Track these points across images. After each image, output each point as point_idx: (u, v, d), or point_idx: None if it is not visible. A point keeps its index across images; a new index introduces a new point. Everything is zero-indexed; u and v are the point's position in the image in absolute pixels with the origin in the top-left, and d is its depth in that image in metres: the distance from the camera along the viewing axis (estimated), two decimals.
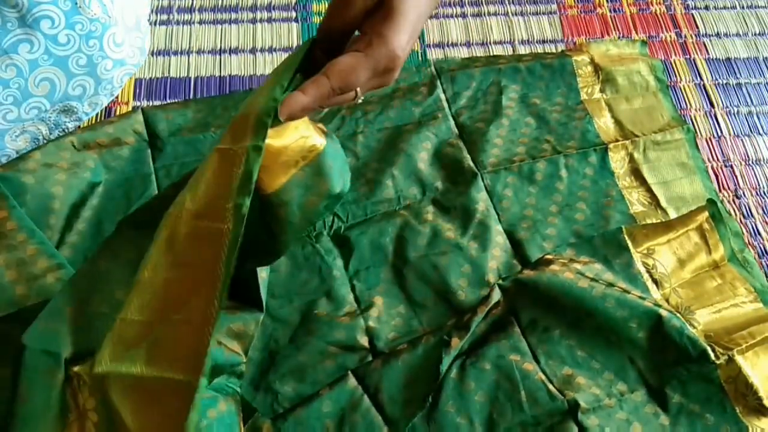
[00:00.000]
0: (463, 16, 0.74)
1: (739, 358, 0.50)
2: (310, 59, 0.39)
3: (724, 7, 0.76)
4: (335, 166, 0.43)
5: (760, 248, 0.61)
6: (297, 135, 0.40)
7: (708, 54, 0.73)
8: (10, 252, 0.51)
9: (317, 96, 0.36)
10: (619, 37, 0.73)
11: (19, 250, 0.52)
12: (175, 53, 0.69)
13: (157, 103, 0.65)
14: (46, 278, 0.50)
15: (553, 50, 0.72)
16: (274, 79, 0.38)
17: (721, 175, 0.65)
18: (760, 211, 0.63)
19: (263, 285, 0.48)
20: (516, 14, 0.74)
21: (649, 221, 0.60)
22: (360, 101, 0.40)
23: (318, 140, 0.42)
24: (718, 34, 0.74)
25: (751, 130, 0.68)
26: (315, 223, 0.53)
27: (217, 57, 0.69)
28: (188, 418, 0.34)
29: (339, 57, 0.37)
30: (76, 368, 0.40)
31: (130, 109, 0.65)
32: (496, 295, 0.54)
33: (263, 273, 0.48)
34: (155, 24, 0.70)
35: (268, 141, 0.37)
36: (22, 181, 0.55)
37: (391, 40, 0.36)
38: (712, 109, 0.69)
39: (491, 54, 0.71)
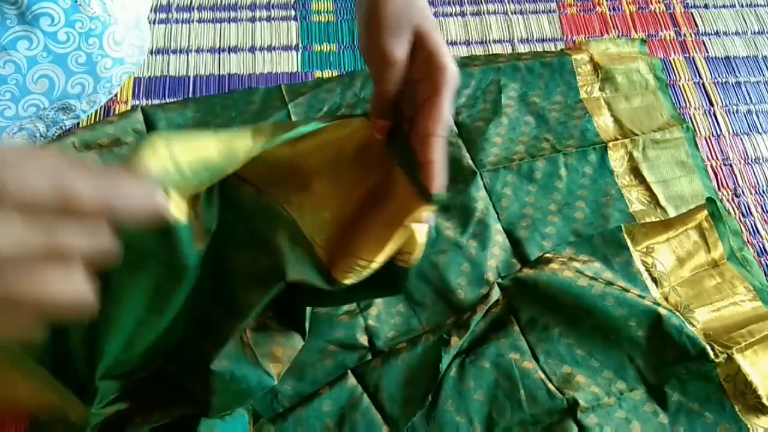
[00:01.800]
0: (462, 14, 0.74)
1: (738, 357, 0.50)
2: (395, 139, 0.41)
3: (724, 6, 0.76)
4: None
5: (760, 247, 0.61)
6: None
7: (707, 52, 0.73)
8: None
9: (443, 154, 0.38)
10: (618, 36, 0.73)
11: None
12: (174, 52, 0.69)
13: (156, 101, 0.65)
14: None
15: (553, 49, 0.72)
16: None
17: (721, 173, 0.65)
18: (759, 210, 0.63)
19: (308, 314, 0.48)
20: (515, 13, 0.74)
21: (648, 220, 0.60)
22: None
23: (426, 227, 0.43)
24: (717, 33, 0.74)
25: (750, 129, 0.68)
26: None
27: (216, 56, 0.69)
28: None
29: (426, 110, 0.38)
30: None
31: (129, 107, 0.65)
32: (496, 294, 0.54)
33: None
34: (154, 23, 0.70)
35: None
36: None
37: (449, 67, 0.39)
38: (712, 108, 0.69)
39: (490, 53, 0.71)
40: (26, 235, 0.21)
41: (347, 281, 0.40)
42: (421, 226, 0.40)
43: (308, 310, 0.48)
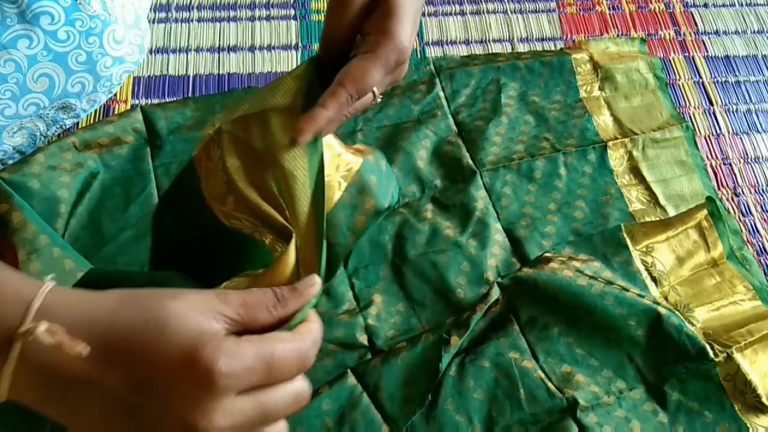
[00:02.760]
0: (462, 14, 0.74)
1: (737, 356, 0.50)
2: (319, 75, 0.39)
3: (723, 5, 0.76)
4: (379, 181, 0.43)
5: (759, 246, 0.61)
6: (328, 156, 0.40)
7: (707, 52, 0.73)
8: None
9: (337, 106, 0.37)
10: (618, 35, 0.73)
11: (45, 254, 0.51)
12: (174, 51, 0.69)
13: (155, 101, 0.65)
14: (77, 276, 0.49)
15: (552, 48, 0.72)
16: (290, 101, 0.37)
17: (720, 172, 0.65)
18: (759, 209, 0.63)
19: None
20: (515, 12, 0.74)
21: (648, 219, 0.60)
22: (379, 100, 0.40)
23: (351, 158, 0.42)
24: (717, 32, 0.74)
25: (750, 128, 0.68)
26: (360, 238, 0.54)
27: (216, 55, 0.69)
28: None
29: (349, 63, 0.37)
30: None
31: (128, 107, 0.65)
32: (495, 293, 0.54)
33: None
34: (154, 22, 0.70)
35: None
36: (28, 186, 0.55)
37: (397, 34, 0.37)
38: (711, 107, 0.69)
39: (490, 52, 0.71)
40: (248, 412, 0.30)
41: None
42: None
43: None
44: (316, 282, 0.34)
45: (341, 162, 0.41)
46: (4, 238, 0.49)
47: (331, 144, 0.41)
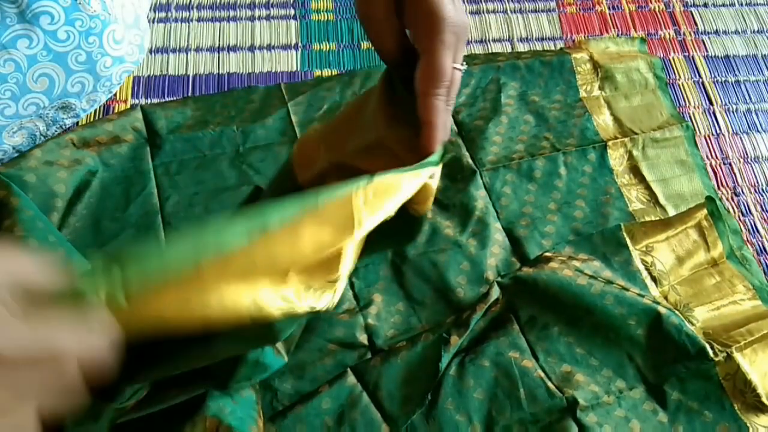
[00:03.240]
0: None
1: (737, 356, 0.50)
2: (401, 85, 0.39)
3: (723, 5, 0.76)
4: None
5: (759, 245, 0.61)
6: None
7: (707, 51, 0.73)
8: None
9: (441, 112, 0.36)
10: (618, 35, 0.73)
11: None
12: (174, 51, 0.69)
13: (155, 100, 0.65)
14: None
15: (552, 48, 0.72)
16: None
17: (720, 172, 0.65)
18: (759, 209, 0.63)
19: None
20: (515, 12, 0.74)
21: (647, 218, 0.60)
22: (465, 67, 0.38)
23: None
24: (716, 32, 0.74)
25: (749, 128, 0.68)
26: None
27: (216, 54, 0.69)
28: None
29: (419, 68, 0.35)
30: None
31: (128, 107, 0.65)
32: (495, 293, 0.54)
33: None
34: (153, 21, 0.70)
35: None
36: (24, 180, 0.55)
37: (441, 11, 0.34)
38: (711, 107, 0.69)
39: (490, 51, 0.71)
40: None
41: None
42: (432, 176, 0.39)
43: None
44: None
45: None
46: None
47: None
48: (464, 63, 0.38)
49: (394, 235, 0.42)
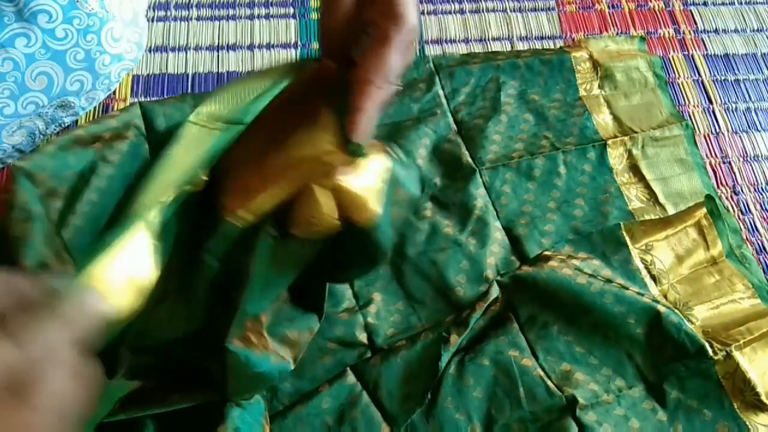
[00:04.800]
0: (461, 12, 0.74)
1: (737, 354, 0.50)
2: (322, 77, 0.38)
3: (723, 4, 0.76)
4: (404, 170, 0.42)
5: (758, 244, 0.61)
6: (370, 161, 0.39)
7: (706, 50, 0.73)
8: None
9: (375, 104, 0.36)
10: (617, 34, 0.73)
11: None
12: (173, 50, 0.69)
13: (154, 99, 0.65)
14: None
15: (552, 46, 0.72)
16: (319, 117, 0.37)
17: (720, 171, 0.65)
18: (758, 207, 0.63)
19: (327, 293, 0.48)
20: (514, 10, 0.74)
21: (647, 217, 0.60)
22: (399, 87, 0.38)
23: (385, 159, 0.41)
24: (716, 31, 0.74)
25: (749, 127, 0.68)
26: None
27: (215, 53, 0.69)
28: None
29: (367, 56, 0.36)
30: None
31: (127, 106, 0.64)
32: (495, 292, 0.54)
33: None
34: (152, 20, 0.70)
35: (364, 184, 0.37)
36: (34, 175, 0.55)
37: (405, 15, 0.35)
38: (711, 106, 0.69)
39: (489, 50, 0.71)
40: None
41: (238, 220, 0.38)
42: (358, 178, 0.37)
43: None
44: None
45: (382, 167, 0.40)
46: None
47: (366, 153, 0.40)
48: (401, 84, 0.38)
49: (354, 259, 0.42)
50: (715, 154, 0.66)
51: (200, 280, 0.40)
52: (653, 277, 0.55)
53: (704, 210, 0.58)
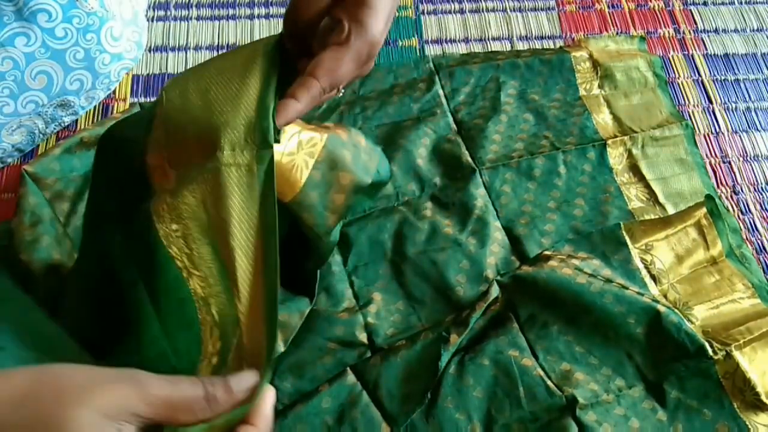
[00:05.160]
0: (461, 12, 0.74)
1: (736, 354, 0.50)
2: (283, 55, 0.37)
3: (722, 3, 0.76)
4: (355, 156, 0.41)
5: (758, 244, 0.61)
6: (288, 137, 0.39)
7: (706, 50, 0.73)
8: None
9: (310, 99, 0.35)
10: (617, 33, 0.73)
11: None
12: (173, 49, 0.69)
13: (154, 99, 0.65)
14: None
15: (552, 46, 0.72)
16: (253, 82, 0.35)
17: (719, 170, 0.65)
18: (758, 207, 0.63)
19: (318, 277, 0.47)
20: (514, 10, 0.74)
21: (647, 217, 0.60)
22: (341, 94, 0.39)
23: (313, 134, 0.40)
24: (716, 30, 0.74)
25: (749, 126, 0.68)
26: (347, 214, 0.50)
27: (215, 53, 0.69)
28: None
29: (322, 54, 0.35)
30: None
31: (127, 105, 0.65)
32: (495, 291, 0.54)
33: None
34: (152, 20, 0.70)
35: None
36: (42, 179, 0.56)
37: (371, 27, 0.35)
38: (710, 105, 0.69)
39: (489, 50, 0.71)
40: None
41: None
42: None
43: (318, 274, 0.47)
44: (255, 381, 0.31)
45: (302, 140, 0.39)
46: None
47: (285, 129, 0.38)
48: (344, 91, 0.38)
49: (295, 243, 0.41)
50: (715, 154, 0.66)
51: None
52: (653, 277, 0.55)
53: (704, 210, 0.58)
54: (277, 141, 0.35)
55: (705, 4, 0.76)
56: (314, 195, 0.39)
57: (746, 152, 0.66)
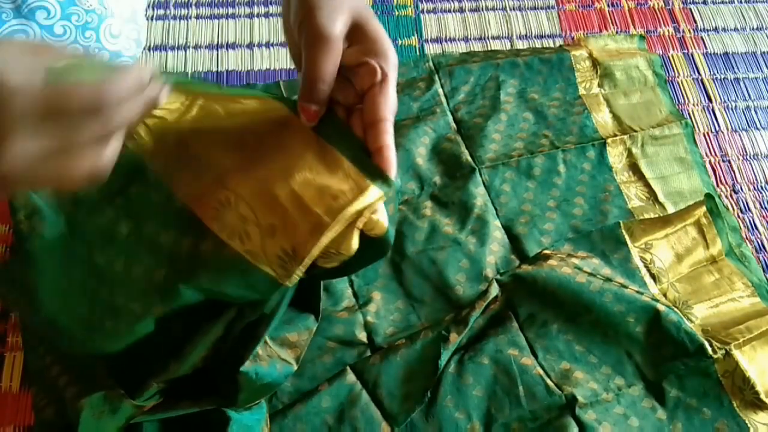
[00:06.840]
0: (461, 11, 0.74)
1: (736, 353, 0.51)
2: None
3: (722, 2, 0.76)
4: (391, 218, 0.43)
5: (758, 243, 0.61)
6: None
7: (706, 49, 0.73)
8: None
9: (392, 139, 0.39)
10: (617, 32, 0.73)
11: None
12: (172, 48, 0.69)
13: None
14: None
15: (551, 45, 0.72)
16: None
17: (719, 169, 0.65)
18: (758, 206, 0.63)
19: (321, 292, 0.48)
20: (514, 9, 0.74)
21: (647, 216, 0.60)
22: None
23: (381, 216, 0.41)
24: (716, 29, 0.74)
25: (748, 125, 0.68)
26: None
27: (215, 52, 0.69)
28: None
29: (373, 97, 0.38)
30: None
31: None
32: (494, 290, 0.54)
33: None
34: (152, 19, 0.70)
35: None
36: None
37: (391, 54, 0.39)
38: (710, 104, 0.69)
39: (489, 49, 0.71)
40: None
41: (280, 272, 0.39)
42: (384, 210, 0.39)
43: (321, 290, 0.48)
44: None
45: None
46: None
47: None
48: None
49: (364, 259, 0.42)
50: (715, 153, 0.66)
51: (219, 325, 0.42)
52: (653, 276, 0.55)
53: (704, 208, 0.58)
54: (392, 186, 0.38)
55: (705, 2, 0.76)
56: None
57: (746, 151, 0.66)
